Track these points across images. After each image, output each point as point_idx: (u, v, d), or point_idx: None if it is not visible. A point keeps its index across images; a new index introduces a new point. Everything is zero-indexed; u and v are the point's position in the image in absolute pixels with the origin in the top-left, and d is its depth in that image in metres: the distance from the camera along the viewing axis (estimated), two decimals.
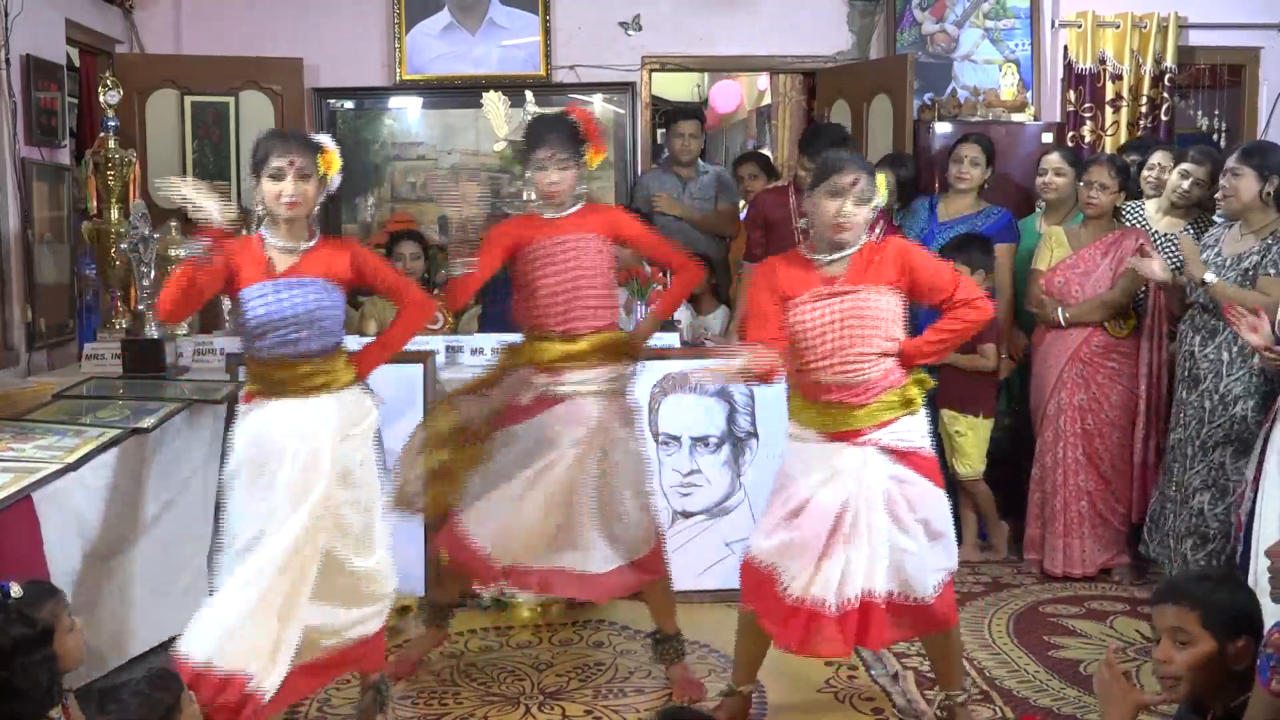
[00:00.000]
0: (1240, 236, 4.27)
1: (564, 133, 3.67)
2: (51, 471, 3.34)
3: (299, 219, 3.25)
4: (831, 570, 3.22)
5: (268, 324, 3.19)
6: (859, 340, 3.23)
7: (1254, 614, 2.49)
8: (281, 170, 3.19)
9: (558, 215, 3.71)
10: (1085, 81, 6.46)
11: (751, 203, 5.75)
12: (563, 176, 3.65)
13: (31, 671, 2.38)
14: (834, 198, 3.24)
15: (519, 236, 3.69)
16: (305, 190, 3.21)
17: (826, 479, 3.26)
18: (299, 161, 3.20)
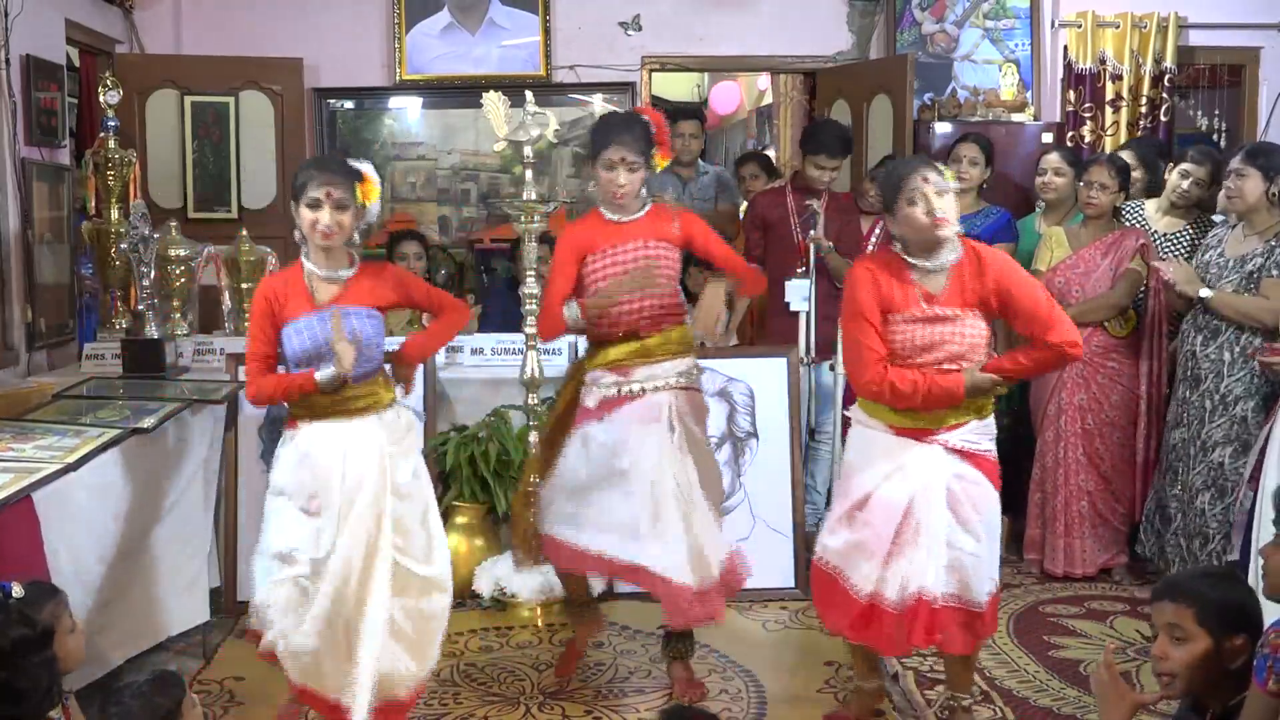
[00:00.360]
0: (1244, 237, 4.28)
1: (636, 133, 3.56)
2: (51, 471, 3.34)
3: (336, 248, 3.26)
4: (897, 569, 3.22)
5: (314, 354, 3.22)
6: (949, 361, 3.22)
7: (1252, 612, 2.49)
8: (318, 201, 3.19)
9: (624, 219, 3.62)
10: (1085, 81, 6.46)
11: (749, 204, 5.75)
12: (631, 179, 3.54)
13: (31, 672, 2.38)
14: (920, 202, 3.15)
15: (586, 244, 3.60)
16: (342, 220, 3.21)
17: (891, 473, 3.26)
18: (336, 193, 3.19)
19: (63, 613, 2.54)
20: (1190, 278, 4.30)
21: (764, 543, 4.61)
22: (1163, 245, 4.83)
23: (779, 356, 4.79)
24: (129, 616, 3.73)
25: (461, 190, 6.87)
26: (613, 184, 3.55)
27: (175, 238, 5.10)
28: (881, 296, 3.22)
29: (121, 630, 3.69)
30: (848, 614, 3.27)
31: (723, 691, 3.80)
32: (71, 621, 2.58)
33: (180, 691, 2.49)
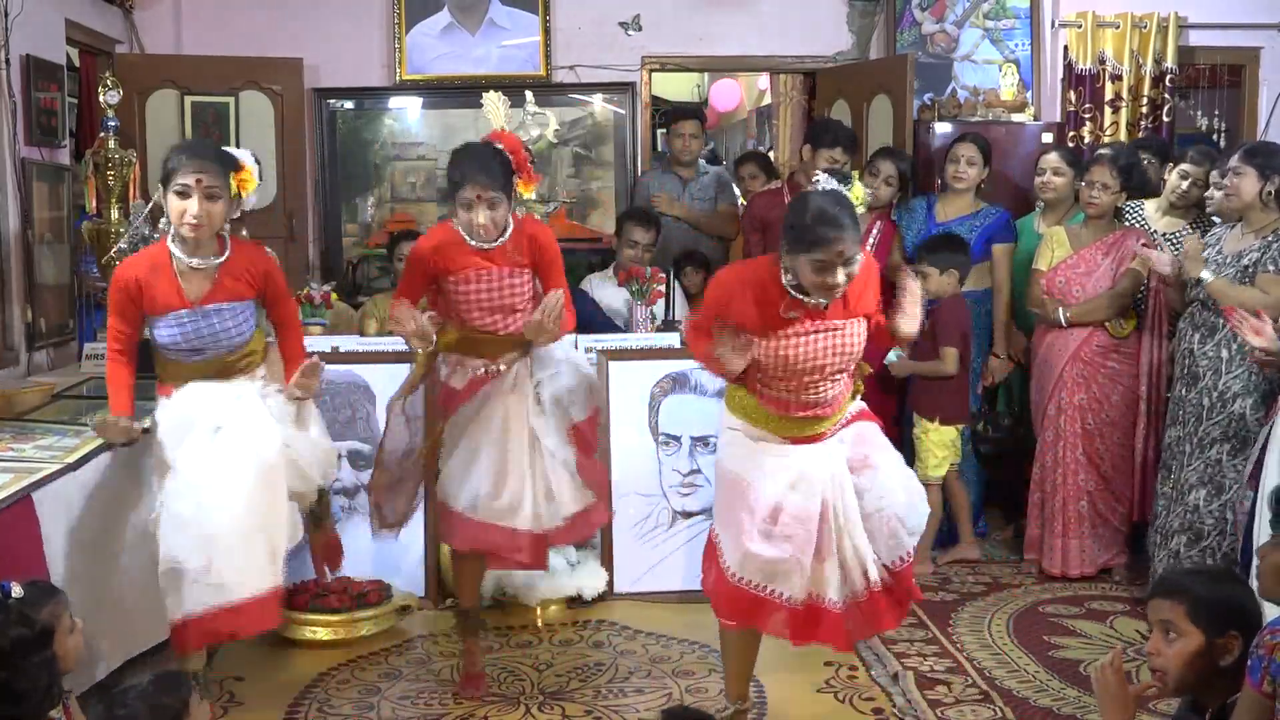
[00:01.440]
0: (1241, 236, 4.28)
1: (493, 168, 3.47)
2: (51, 471, 3.34)
3: (204, 239, 3.20)
4: (829, 571, 3.20)
5: (184, 346, 3.27)
6: (838, 369, 3.21)
7: (1246, 611, 2.49)
8: (188, 188, 3.11)
9: (486, 247, 3.52)
10: (1085, 82, 6.46)
11: (748, 205, 5.75)
12: (491, 216, 3.45)
13: (31, 672, 2.38)
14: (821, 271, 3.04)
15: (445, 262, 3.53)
16: (212, 210, 3.13)
17: (795, 482, 3.21)
18: (207, 180, 3.11)
19: (62, 612, 2.54)
20: (1197, 255, 4.28)
21: None
22: (1162, 245, 4.83)
23: None
24: (129, 616, 3.73)
25: None
26: (473, 224, 3.46)
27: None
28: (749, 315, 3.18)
29: (122, 630, 3.68)
30: (787, 622, 3.23)
31: (722, 692, 3.80)
32: (71, 621, 2.57)
33: (187, 691, 2.48)
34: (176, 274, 3.21)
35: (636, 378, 4.64)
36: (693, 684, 3.86)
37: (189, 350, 3.30)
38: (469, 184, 3.43)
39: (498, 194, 3.45)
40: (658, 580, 4.59)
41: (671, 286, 5.40)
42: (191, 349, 3.29)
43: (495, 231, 3.49)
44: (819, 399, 3.22)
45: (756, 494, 3.21)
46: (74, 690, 2.75)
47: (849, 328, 3.20)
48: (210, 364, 3.33)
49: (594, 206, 6.78)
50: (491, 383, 3.62)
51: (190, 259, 3.20)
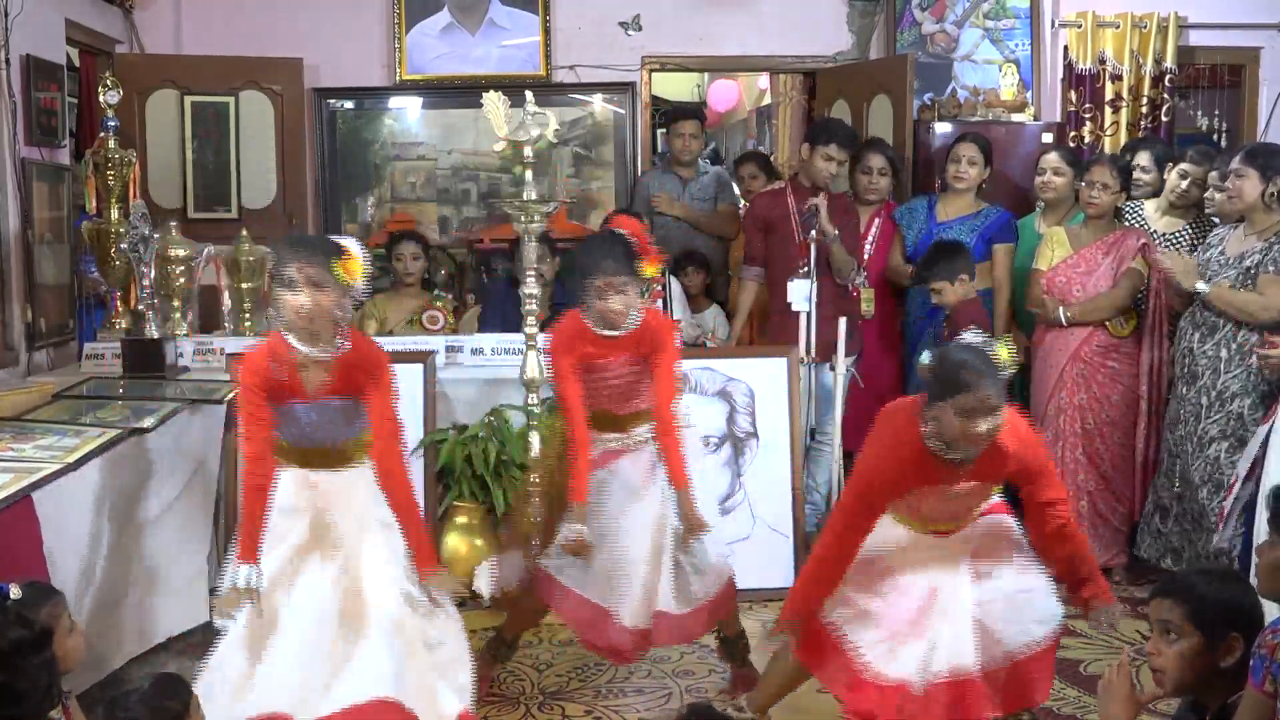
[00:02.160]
0: (1244, 237, 4.29)
1: (618, 255, 3.54)
2: (51, 471, 3.35)
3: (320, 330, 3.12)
4: (913, 651, 3.18)
5: (302, 438, 3.18)
6: (976, 512, 3.29)
7: (1247, 612, 2.49)
8: (293, 280, 3.05)
9: (615, 335, 3.59)
10: (1085, 82, 6.46)
11: (750, 205, 5.76)
12: (623, 301, 3.52)
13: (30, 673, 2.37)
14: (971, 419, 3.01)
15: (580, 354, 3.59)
16: (321, 300, 3.06)
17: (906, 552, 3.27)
18: (309, 270, 3.05)
19: (61, 613, 2.53)
20: (1189, 270, 4.31)
21: (764, 543, 4.62)
22: (1162, 245, 4.83)
23: (779, 356, 4.80)
24: (129, 617, 3.73)
25: (461, 190, 6.86)
26: (607, 311, 3.53)
27: (175, 238, 5.10)
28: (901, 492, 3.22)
29: (121, 630, 3.69)
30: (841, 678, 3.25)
31: (723, 692, 3.80)
32: (70, 622, 2.57)
33: (187, 694, 2.48)
34: (297, 365, 3.13)
35: None
36: (693, 684, 3.86)
37: (304, 440, 3.21)
38: (597, 273, 3.50)
39: (625, 279, 3.52)
40: None
41: (670, 286, 5.40)
42: (309, 439, 3.20)
43: (627, 317, 3.56)
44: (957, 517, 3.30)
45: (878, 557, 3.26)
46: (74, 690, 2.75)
47: (984, 490, 3.24)
48: (319, 451, 3.22)
49: (594, 206, 6.78)
50: (627, 457, 3.64)
51: (306, 349, 3.11)
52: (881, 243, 5.36)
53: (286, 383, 3.11)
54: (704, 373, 4.71)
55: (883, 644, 3.20)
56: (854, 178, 5.43)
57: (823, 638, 3.28)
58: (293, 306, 3.05)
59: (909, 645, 3.18)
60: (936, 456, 3.10)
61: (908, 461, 3.12)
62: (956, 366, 3.05)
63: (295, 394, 3.12)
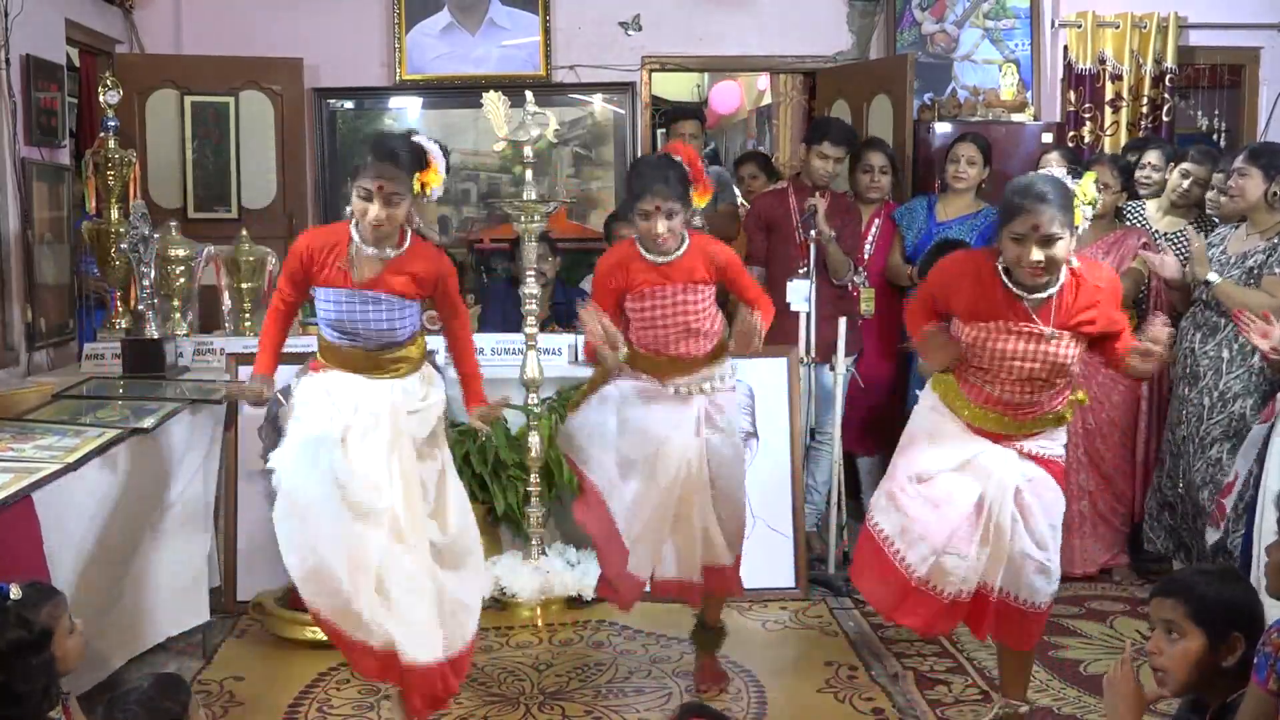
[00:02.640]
0: (1246, 236, 4.29)
1: (671, 178, 3.52)
2: (51, 471, 3.34)
3: (386, 237, 3.25)
4: (954, 563, 3.20)
5: (339, 325, 3.30)
6: (1042, 378, 3.21)
7: (1248, 612, 2.49)
8: (370, 192, 3.16)
9: (663, 260, 3.57)
10: (1085, 82, 6.46)
11: (752, 205, 5.76)
12: (670, 226, 3.50)
13: (29, 674, 2.37)
14: (1018, 244, 3.04)
15: (623, 282, 3.59)
16: (393, 214, 3.19)
17: (963, 464, 3.25)
18: (389, 186, 3.16)
19: (61, 614, 2.53)
20: (1202, 256, 4.29)
21: (764, 543, 4.61)
22: (1163, 245, 4.82)
23: (779, 357, 4.79)
24: (129, 617, 3.73)
25: (461, 190, 6.86)
26: (651, 232, 3.52)
27: (175, 238, 5.10)
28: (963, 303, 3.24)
29: (122, 631, 3.68)
30: (892, 592, 3.25)
31: (723, 691, 3.80)
32: (70, 623, 2.57)
33: (186, 695, 2.48)
34: (351, 254, 3.25)
35: None
36: (693, 684, 3.86)
37: (341, 333, 3.31)
38: (648, 195, 3.49)
39: (675, 204, 3.50)
40: None
41: None
42: (344, 332, 3.30)
43: (674, 241, 3.55)
44: (1018, 401, 3.22)
45: (921, 455, 3.27)
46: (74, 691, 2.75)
47: (1060, 340, 3.14)
48: (361, 354, 3.32)
49: (594, 206, 6.78)
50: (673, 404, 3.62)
51: (366, 246, 3.24)
52: (882, 242, 5.36)
53: (336, 266, 3.25)
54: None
55: (931, 557, 3.19)
56: (854, 177, 5.43)
57: (874, 549, 3.28)
58: (366, 215, 3.18)
59: (951, 558, 3.19)
60: (1005, 284, 3.11)
61: (977, 273, 3.17)
62: (1015, 191, 3.08)
63: (341, 280, 3.25)
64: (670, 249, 3.55)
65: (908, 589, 3.22)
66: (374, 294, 3.26)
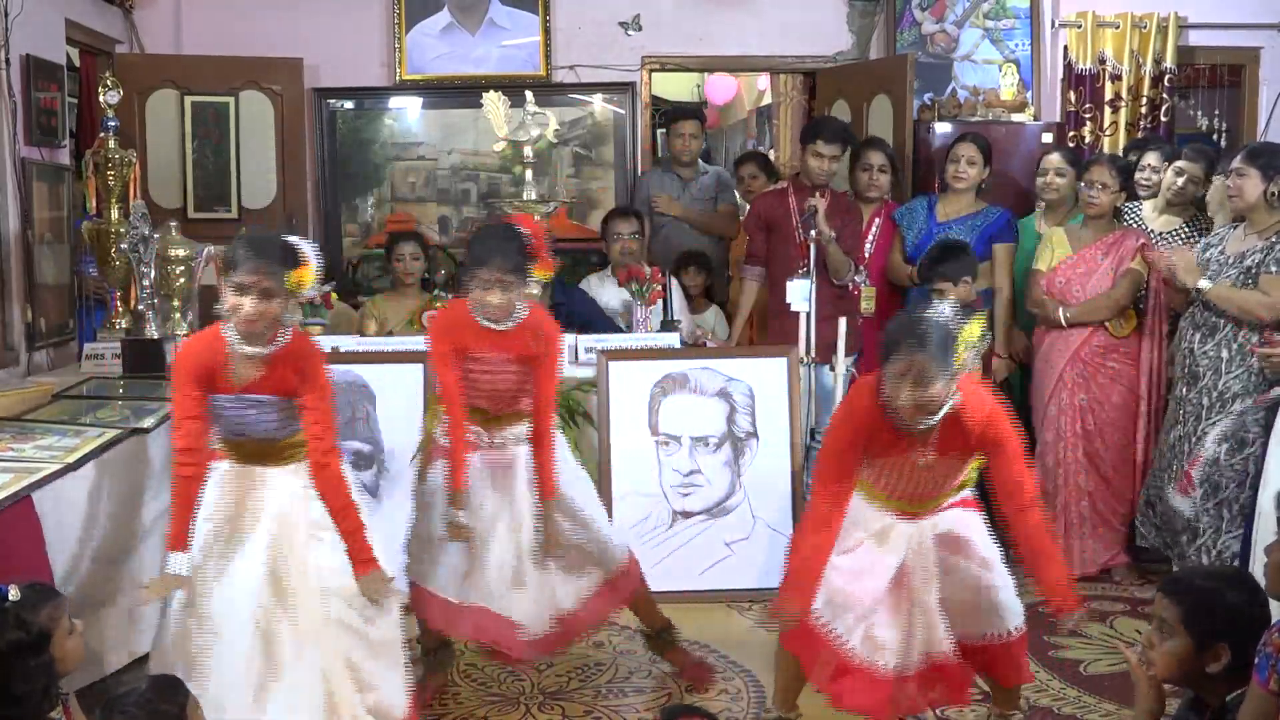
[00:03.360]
0: (1244, 236, 4.29)
1: (511, 251, 3.52)
2: (51, 471, 3.34)
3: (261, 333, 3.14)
4: (886, 635, 3.20)
5: (228, 427, 3.19)
6: (942, 489, 3.25)
7: (1245, 621, 2.51)
8: (245, 286, 3.07)
9: (498, 328, 3.55)
10: (1085, 82, 6.46)
11: (751, 205, 5.76)
12: (504, 299, 3.49)
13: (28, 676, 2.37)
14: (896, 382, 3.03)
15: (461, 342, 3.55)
16: (266, 310, 3.08)
17: (879, 534, 3.26)
18: (264, 282, 3.07)
19: (60, 615, 2.53)
20: (1191, 266, 4.30)
21: (764, 543, 4.61)
22: (1159, 243, 4.83)
23: (779, 356, 4.79)
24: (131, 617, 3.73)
25: (461, 190, 6.86)
26: (485, 302, 3.49)
27: (175, 238, 5.09)
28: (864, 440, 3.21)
29: (122, 631, 3.68)
30: (827, 666, 3.22)
31: (723, 691, 3.81)
32: (70, 624, 2.57)
33: (184, 696, 2.48)
34: (228, 357, 3.15)
35: (636, 378, 4.64)
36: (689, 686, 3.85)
37: (231, 433, 3.22)
38: (486, 266, 3.47)
39: (511, 277, 3.49)
40: (658, 580, 4.54)
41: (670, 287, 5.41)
42: (233, 433, 3.21)
43: (506, 311, 3.53)
44: (923, 493, 3.25)
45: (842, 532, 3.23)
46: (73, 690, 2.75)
47: (947, 464, 3.19)
48: (254, 444, 3.22)
49: (594, 206, 6.78)
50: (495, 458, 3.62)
51: (241, 345, 3.14)
52: (882, 241, 5.36)
53: (217, 374, 3.13)
54: (704, 373, 4.71)
55: (859, 627, 3.19)
56: (854, 176, 5.43)
57: (807, 627, 3.25)
58: (239, 310, 3.08)
59: (888, 631, 3.20)
60: (893, 422, 3.11)
61: (864, 422, 3.15)
62: (896, 331, 3.08)
63: (223, 386, 3.14)
64: (502, 319, 3.53)
65: (847, 667, 3.20)
66: (256, 397, 3.16)
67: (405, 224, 6.50)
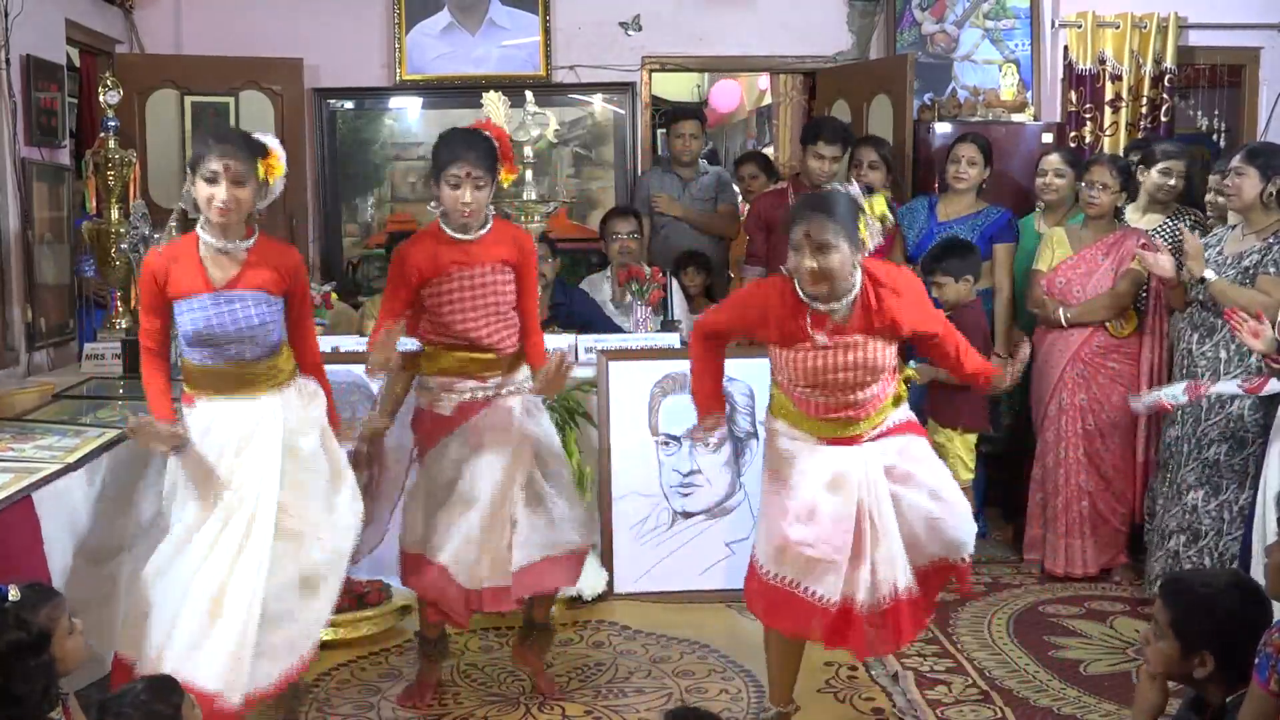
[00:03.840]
0: (1242, 236, 4.29)
1: (481, 150, 3.44)
2: (51, 471, 3.34)
3: (233, 224, 3.17)
4: (861, 575, 3.21)
5: (207, 337, 3.17)
6: (862, 382, 3.22)
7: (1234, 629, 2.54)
8: (215, 174, 3.08)
9: (467, 238, 3.48)
10: (1085, 82, 6.46)
11: (751, 205, 5.76)
12: (477, 197, 3.41)
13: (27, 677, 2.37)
14: (796, 252, 3.10)
15: (426, 268, 3.45)
16: (239, 196, 3.11)
17: (830, 482, 3.24)
18: (235, 166, 3.09)
19: (60, 616, 2.53)
20: (1198, 255, 4.28)
21: None
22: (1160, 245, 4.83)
23: None
24: None
25: None
26: (459, 201, 3.40)
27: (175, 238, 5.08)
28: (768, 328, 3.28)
29: None
30: (818, 624, 3.22)
31: (723, 691, 3.81)
32: (70, 624, 2.57)
33: (179, 697, 2.48)
34: (202, 259, 3.17)
35: (636, 378, 4.64)
36: (693, 684, 3.86)
37: (211, 348, 3.18)
38: (458, 162, 3.40)
39: (484, 174, 3.42)
40: (658, 580, 4.59)
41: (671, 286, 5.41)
42: (214, 345, 3.18)
43: (479, 217, 3.46)
44: (849, 403, 3.23)
45: (793, 491, 3.24)
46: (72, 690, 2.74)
47: (870, 345, 3.18)
48: (233, 371, 3.21)
49: (594, 206, 6.78)
50: (484, 414, 3.53)
51: (217, 242, 3.15)
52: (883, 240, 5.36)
53: (191, 274, 3.15)
54: None
55: (838, 583, 3.18)
56: (850, 174, 5.44)
57: (779, 594, 3.25)
58: (212, 199, 3.09)
59: (858, 572, 3.20)
60: (802, 299, 3.16)
61: (774, 293, 3.21)
62: (800, 203, 3.20)
63: (200, 286, 3.15)
64: (474, 225, 3.46)
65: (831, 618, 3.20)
66: (238, 293, 3.16)
67: (406, 224, 6.49)
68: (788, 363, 3.22)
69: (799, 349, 3.19)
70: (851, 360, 3.17)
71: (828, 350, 3.17)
